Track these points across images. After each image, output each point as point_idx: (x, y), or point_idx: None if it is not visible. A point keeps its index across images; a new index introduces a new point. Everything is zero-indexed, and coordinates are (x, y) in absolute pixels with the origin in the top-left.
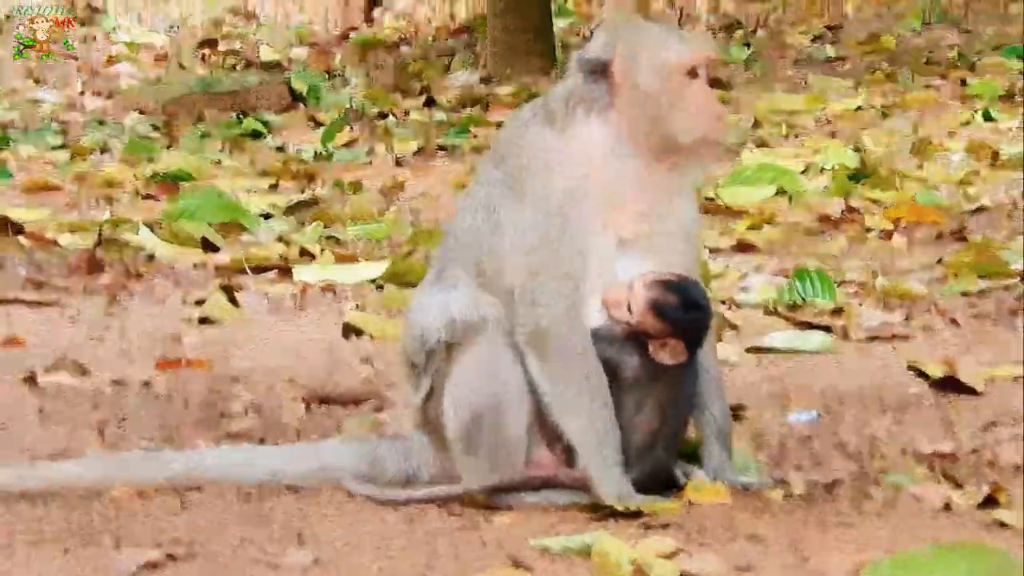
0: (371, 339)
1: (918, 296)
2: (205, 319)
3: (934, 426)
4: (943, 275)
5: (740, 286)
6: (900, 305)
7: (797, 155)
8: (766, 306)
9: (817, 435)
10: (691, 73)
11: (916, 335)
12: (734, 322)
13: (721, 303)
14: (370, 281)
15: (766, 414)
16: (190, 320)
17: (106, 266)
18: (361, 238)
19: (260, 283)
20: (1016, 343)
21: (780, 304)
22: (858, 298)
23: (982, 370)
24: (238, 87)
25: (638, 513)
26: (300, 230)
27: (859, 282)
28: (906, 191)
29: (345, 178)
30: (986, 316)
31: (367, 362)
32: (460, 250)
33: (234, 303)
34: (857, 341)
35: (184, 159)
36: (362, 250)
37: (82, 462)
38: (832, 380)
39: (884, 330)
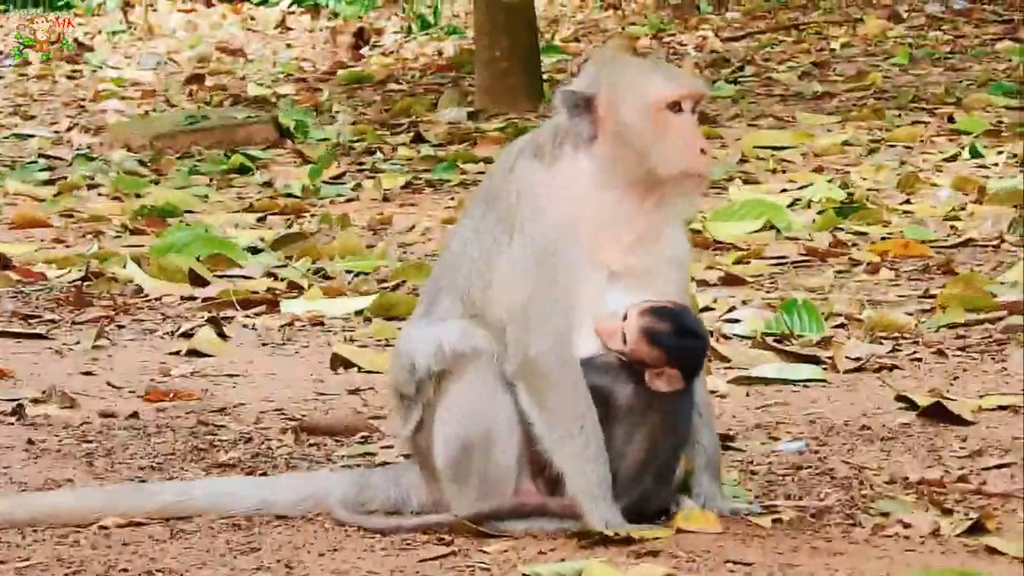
0: (359, 371)
1: (905, 328)
2: (193, 352)
3: (922, 455)
4: (930, 308)
5: (728, 318)
6: (887, 337)
7: (784, 190)
8: (754, 338)
9: (806, 464)
10: (674, 107)
11: (903, 366)
12: (723, 354)
13: (710, 335)
14: (357, 313)
15: (755, 444)
16: (178, 353)
17: (94, 300)
18: (349, 272)
19: (248, 316)
20: (1002, 374)
21: (768, 336)
22: (846, 330)
23: (969, 400)
24: (226, 123)
25: (628, 540)
26: (288, 264)
27: (847, 314)
28: (893, 225)
29: (333, 213)
30: (973, 348)
31: (355, 393)
32: (450, 282)
33: (222, 336)
34: (845, 372)
35: (172, 194)
36: (350, 284)
37: (71, 493)
38: (820, 410)
39: (872, 361)
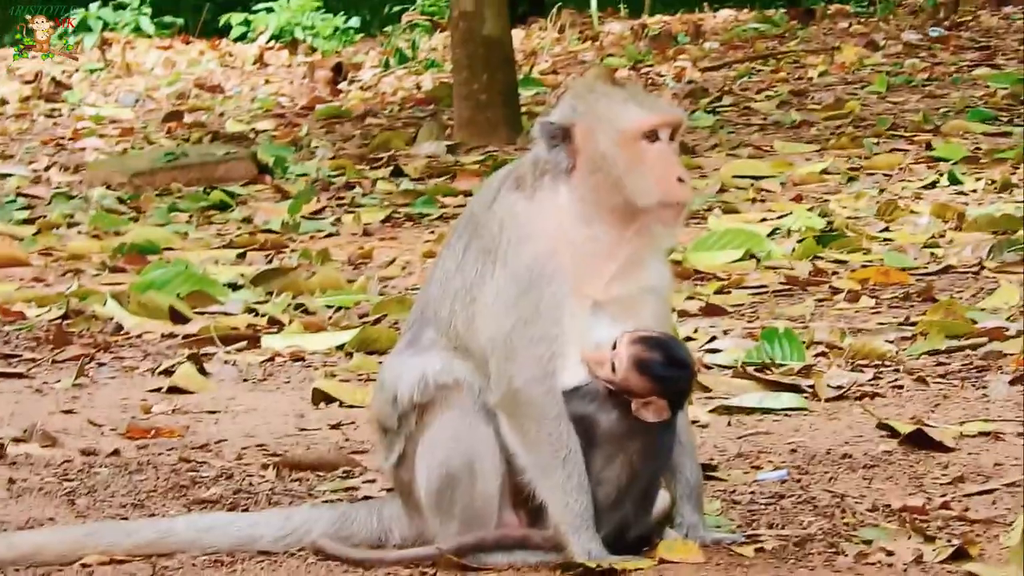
0: (340, 406)
1: (886, 355)
2: (174, 389)
3: (903, 482)
4: (911, 335)
5: (709, 348)
6: (868, 365)
7: (764, 219)
8: (736, 368)
9: (788, 493)
10: (651, 136)
11: (885, 394)
12: (705, 384)
13: None
14: (338, 348)
15: (737, 473)
16: (159, 390)
17: (74, 338)
18: (330, 307)
19: (229, 353)
20: (983, 400)
21: (749, 365)
22: (827, 358)
23: (950, 427)
24: (204, 160)
25: (611, 572)
26: (268, 300)
27: (828, 343)
28: (873, 253)
29: (313, 248)
30: (954, 374)
31: (337, 428)
32: (433, 314)
33: (203, 373)
34: (826, 400)
35: (151, 232)
36: (330, 319)
37: (53, 532)
38: (802, 439)
39: (853, 389)
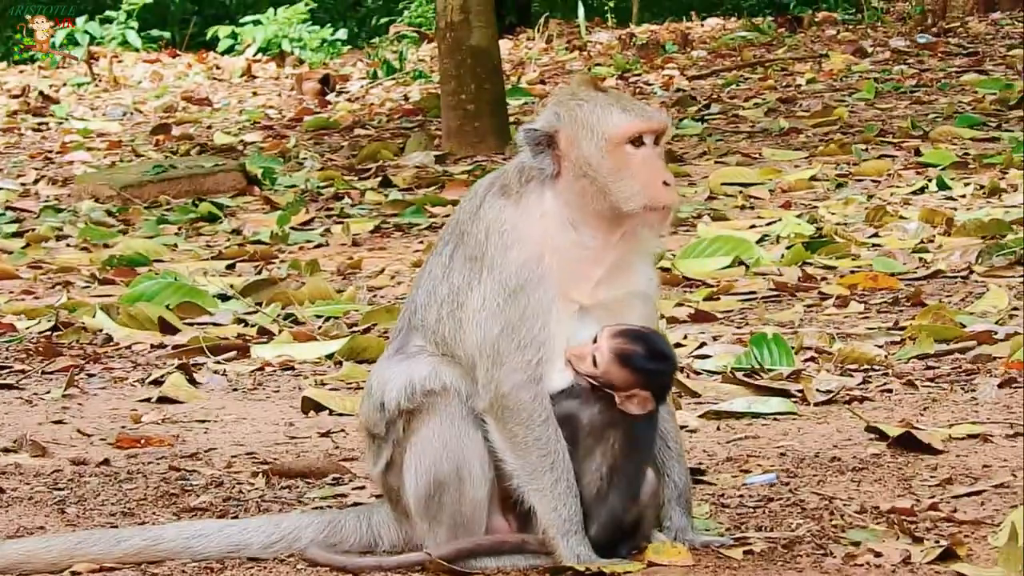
0: (330, 414)
1: (875, 360)
2: (164, 399)
3: (892, 484)
4: (900, 339)
5: (699, 354)
6: (857, 369)
7: (753, 226)
8: (725, 373)
9: (776, 496)
10: (635, 142)
11: (874, 398)
12: (693, 389)
13: (680, 371)
14: (328, 357)
15: (726, 477)
16: (149, 400)
17: (63, 349)
18: (319, 317)
19: (219, 363)
20: (971, 403)
21: (738, 371)
22: (816, 363)
23: (939, 430)
24: (193, 172)
25: (599, 575)
26: (258, 310)
27: (816, 348)
28: (862, 259)
29: (302, 259)
30: (942, 378)
31: (326, 436)
32: (420, 320)
33: (193, 383)
34: (815, 405)
35: (140, 244)
36: (320, 328)
37: (43, 540)
38: (791, 443)
39: (842, 393)
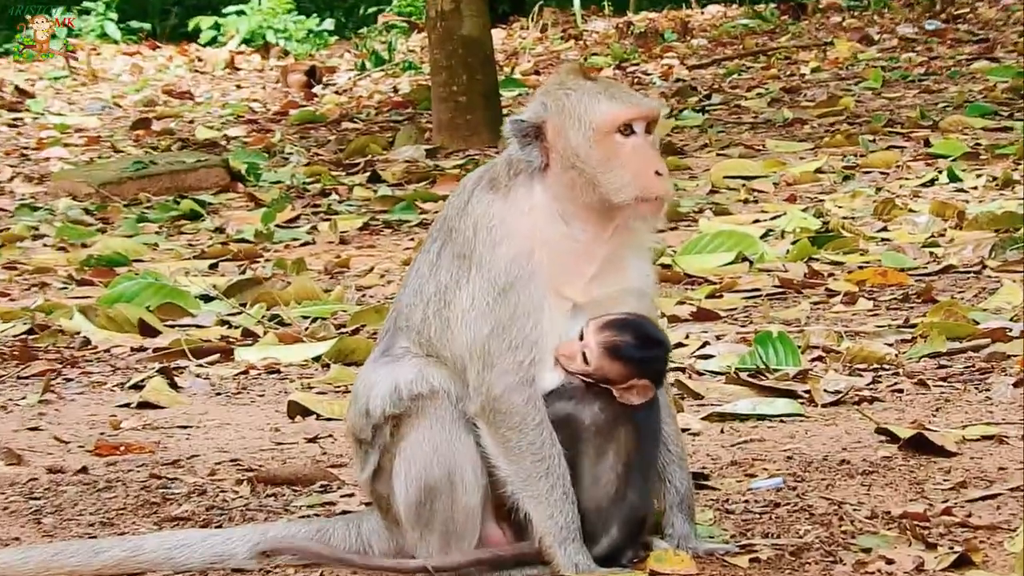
0: (317, 418)
1: (885, 359)
2: (145, 404)
3: (904, 488)
4: (911, 337)
5: (701, 354)
6: (867, 369)
7: (756, 220)
8: (728, 373)
9: (783, 501)
10: (625, 130)
11: (884, 398)
12: (696, 391)
13: (682, 371)
14: (315, 360)
15: (730, 481)
16: (129, 405)
17: (39, 353)
18: (306, 318)
19: (201, 366)
20: (986, 404)
21: (743, 371)
22: (823, 363)
23: (952, 431)
24: (174, 168)
25: None
26: (242, 311)
27: (824, 347)
28: (870, 254)
29: (287, 257)
30: (955, 377)
31: (314, 442)
32: (407, 321)
33: (174, 387)
34: (823, 406)
35: (120, 243)
36: (306, 330)
37: (19, 551)
38: (798, 446)
39: (851, 394)
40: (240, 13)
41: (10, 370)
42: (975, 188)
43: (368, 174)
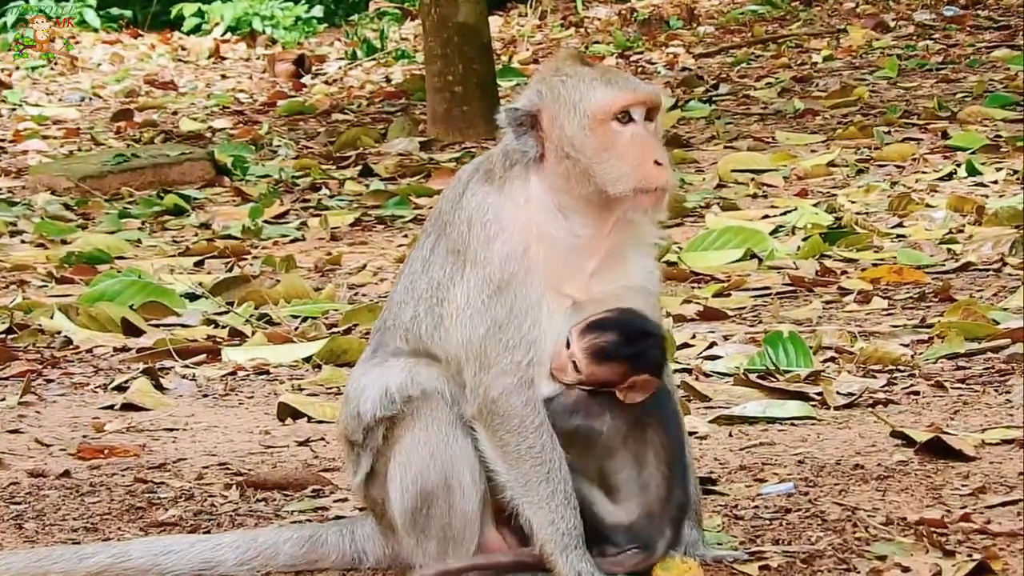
0: (308, 421)
1: (900, 360)
2: (129, 406)
3: (920, 493)
4: (927, 338)
5: (708, 355)
6: (881, 370)
7: (766, 216)
8: (737, 375)
9: (795, 507)
10: (622, 118)
11: (899, 401)
12: (703, 393)
13: (688, 373)
14: (306, 360)
15: (739, 487)
16: (112, 407)
17: (19, 353)
18: (295, 317)
19: (187, 367)
20: (1006, 406)
21: (752, 372)
22: (836, 364)
23: (971, 435)
24: (157, 161)
25: None
26: (229, 310)
27: (837, 347)
28: (885, 250)
29: (276, 254)
30: (974, 379)
31: (305, 445)
32: (400, 320)
33: (160, 388)
34: (836, 409)
35: (101, 239)
36: (296, 330)
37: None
38: (810, 449)
39: (865, 396)
40: (225, 0)
41: None
42: (995, 182)
43: (360, 168)
